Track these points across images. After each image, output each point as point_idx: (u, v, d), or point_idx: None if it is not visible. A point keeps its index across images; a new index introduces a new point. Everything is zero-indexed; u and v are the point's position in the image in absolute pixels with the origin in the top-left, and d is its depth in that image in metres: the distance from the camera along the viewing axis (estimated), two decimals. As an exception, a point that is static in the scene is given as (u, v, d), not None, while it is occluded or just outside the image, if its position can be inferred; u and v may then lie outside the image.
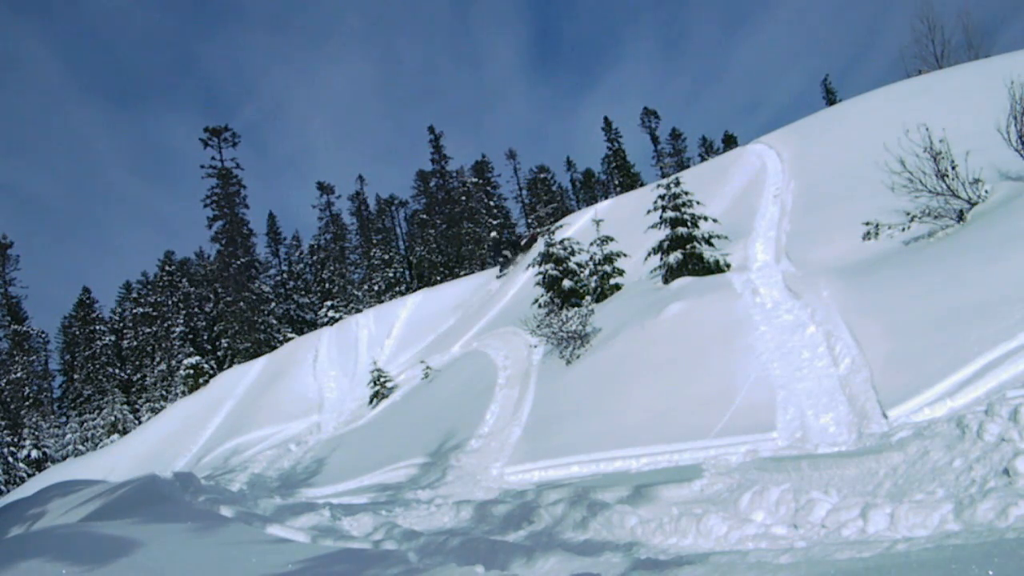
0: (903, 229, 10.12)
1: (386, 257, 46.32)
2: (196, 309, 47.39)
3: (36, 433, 35.95)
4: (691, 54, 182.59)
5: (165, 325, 43.40)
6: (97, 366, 43.67)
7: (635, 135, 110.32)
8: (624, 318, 12.06)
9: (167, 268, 49.19)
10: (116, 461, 23.94)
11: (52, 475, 24.84)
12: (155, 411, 36.52)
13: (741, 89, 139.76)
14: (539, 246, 20.34)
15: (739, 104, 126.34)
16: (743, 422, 7.21)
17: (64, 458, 34.44)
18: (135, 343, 44.63)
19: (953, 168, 9.69)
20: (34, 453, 34.69)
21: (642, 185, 43.38)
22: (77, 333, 46.13)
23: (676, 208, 14.21)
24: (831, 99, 53.34)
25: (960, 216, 9.45)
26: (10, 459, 32.79)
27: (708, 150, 58.20)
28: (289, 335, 39.58)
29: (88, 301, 47.29)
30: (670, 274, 13.60)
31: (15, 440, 34.61)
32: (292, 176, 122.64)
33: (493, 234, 43.91)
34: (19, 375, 38.39)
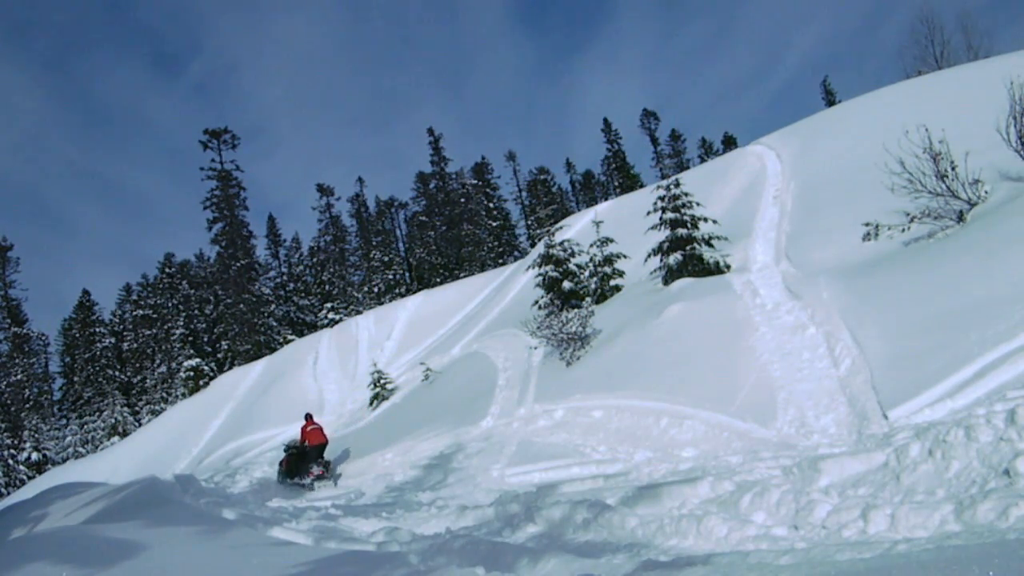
0: (903, 230, 10.13)
1: (386, 259, 46.30)
2: (196, 311, 47.40)
3: (36, 435, 35.95)
4: (690, 52, 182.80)
5: (165, 327, 43.40)
6: (97, 368, 43.69)
7: (635, 137, 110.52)
8: (624, 320, 12.08)
9: (167, 270, 49.24)
10: (118, 463, 23.93)
11: (53, 477, 24.84)
12: (155, 413, 36.46)
13: (741, 89, 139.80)
14: (539, 248, 20.35)
15: (739, 104, 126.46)
16: (743, 423, 7.23)
17: (64, 460, 34.42)
18: (135, 345, 44.62)
19: (953, 169, 9.70)
20: (34, 456, 34.69)
21: (642, 186, 43.38)
22: (77, 335, 46.13)
23: (676, 209, 14.22)
24: (831, 100, 53.31)
25: (960, 217, 9.47)
26: (10, 461, 32.80)
27: (708, 151, 58.22)
28: (289, 337, 39.50)
29: (88, 303, 47.30)
30: (670, 275, 13.61)
31: (15, 443, 34.60)
32: (290, 176, 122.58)
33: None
34: (19, 377, 38.39)
